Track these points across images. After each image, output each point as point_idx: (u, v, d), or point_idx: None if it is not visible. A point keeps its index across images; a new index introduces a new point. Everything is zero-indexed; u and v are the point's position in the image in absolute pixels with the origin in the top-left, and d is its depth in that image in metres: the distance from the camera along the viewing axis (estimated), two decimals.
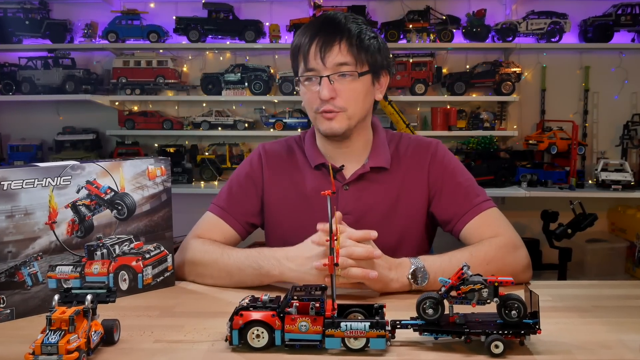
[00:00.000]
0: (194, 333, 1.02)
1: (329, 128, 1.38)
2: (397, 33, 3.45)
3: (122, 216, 1.24)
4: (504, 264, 1.29)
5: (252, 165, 1.53)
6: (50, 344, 0.83)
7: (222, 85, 3.52)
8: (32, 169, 1.12)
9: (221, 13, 3.48)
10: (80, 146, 3.54)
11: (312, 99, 1.38)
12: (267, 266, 1.26)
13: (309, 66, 1.36)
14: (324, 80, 1.34)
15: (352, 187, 1.45)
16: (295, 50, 1.41)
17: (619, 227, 3.51)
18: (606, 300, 1.22)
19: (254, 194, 1.51)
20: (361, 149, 1.48)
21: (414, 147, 1.50)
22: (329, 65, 1.34)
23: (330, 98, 1.34)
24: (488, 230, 1.37)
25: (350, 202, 1.43)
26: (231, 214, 1.48)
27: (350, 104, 1.36)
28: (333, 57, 1.34)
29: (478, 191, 1.45)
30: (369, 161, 1.46)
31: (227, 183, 1.55)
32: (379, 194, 1.45)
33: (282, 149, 1.54)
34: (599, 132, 3.65)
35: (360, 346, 0.92)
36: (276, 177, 1.51)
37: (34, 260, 1.13)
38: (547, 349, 0.93)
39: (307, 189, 1.46)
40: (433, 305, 0.93)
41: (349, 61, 1.34)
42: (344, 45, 1.34)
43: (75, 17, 3.62)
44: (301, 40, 1.38)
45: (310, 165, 1.48)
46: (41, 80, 3.47)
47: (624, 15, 3.39)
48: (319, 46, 1.34)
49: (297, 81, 1.43)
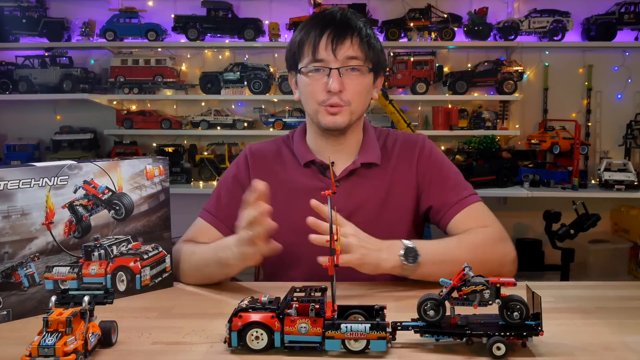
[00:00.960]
0: (193, 335, 1.02)
1: (332, 122, 1.39)
2: (398, 31, 3.44)
3: (119, 216, 1.23)
4: (491, 253, 1.33)
5: (239, 167, 1.54)
6: (47, 346, 0.82)
7: (221, 84, 3.51)
8: (29, 168, 1.12)
9: (220, 11, 3.47)
10: (77, 146, 3.53)
11: (317, 91, 1.38)
12: (224, 255, 1.27)
13: (318, 57, 1.36)
14: (334, 72, 1.35)
15: (343, 183, 1.46)
16: (301, 41, 1.40)
17: (622, 227, 3.50)
18: (609, 301, 1.21)
19: (241, 196, 1.50)
20: (353, 145, 1.49)
21: (401, 143, 1.52)
22: (340, 57, 1.35)
23: (339, 90, 1.35)
24: (474, 222, 1.39)
25: (341, 199, 1.43)
26: (220, 219, 1.48)
27: (355, 99, 1.38)
28: (345, 50, 1.35)
29: (465, 185, 1.48)
30: (360, 157, 1.47)
31: (216, 187, 1.56)
32: (370, 189, 1.46)
33: (269, 148, 1.55)
34: (602, 131, 3.64)
35: (360, 348, 0.91)
36: (263, 177, 1.48)
37: (30, 261, 1.12)
38: (550, 351, 0.92)
39: (296, 187, 1.46)
40: (434, 306, 0.93)
41: (359, 56, 1.37)
42: (356, 40, 1.36)
43: (72, 15, 3.62)
44: (309, 33, 1.38)
45: (299, 163, 1.49)
46: (38, 79, 3.46)
47: (627, 14, 3.38)
48: (331, 38, 1.35)
49: (296, 74, 1.43)
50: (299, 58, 1.41)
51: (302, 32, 1.40)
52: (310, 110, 1.43)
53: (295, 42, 1.42)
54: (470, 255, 1.16)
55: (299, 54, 1.41)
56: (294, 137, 1.54)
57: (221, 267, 1.29)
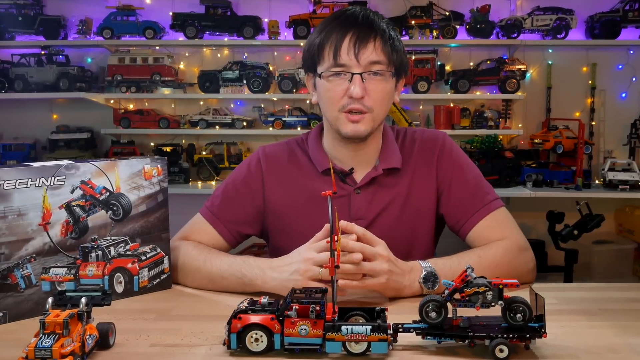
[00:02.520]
0: (191, 337, 1.01)
1: (354, 130, 1.33)
2: (399, 29, 3.43)
3: (117, 217, 1.22)
4: (510, 267, 1.29)
5: (250, 170, 1.48)
6: (44, 348, 0.82)
7: (220, 83, 3.50)
8: (26, 168, 1.11)
9: (219, 9, 3.46)
10: (74, 145, 3.51)
11: (337, 96, 1.32)
12: (250, 275, 1.25)
13: (340, 62, 1.30)
14: (356, 77, 1.30)
15: (364, 190, 1.41)
16: (321, 44, 1.34)
17: (627, 228, 3.48)
18: (613, 303, 1.21)
19: (249, 201, 1.46)
20: (373, 151, 1.44)
21: (420, 142, 1.47)
22: (363, 62, 1.30)
23: (361, 97, 1.30)
24: (495, 232, 1.36)
25: (363, 207, 1.40)
26: (222, 220, 1.44)
27: (377, 105, 1.33)
28: (368, 54, 1.30)
29: (487, 188, 1.43)
30: (381, 163, 1.42)
31: (222, 185, 1.51)
32: (391, 195, 1.42)
33: (284, 152, 1.50)
34: (605, 130, 3.62)
35: (361, 350, 0.90)
36: (279, 181, 1.46)
37: (27, 262, 1.11)
38: (553, 353, 0.92)
39: (314, 194, 1.38)
40: (436, 308, 0.92)
41: (382, 60, 1.31)
42: (379, 43, 1.31)
43: (69, 13, 3.60)
44: (331, 34, 1.32)
45: (316, 169, 1.44)
46: (34, 78, 3.45)
47: (632, 11, 3.36)
48: (353, 42, 1.30)
49: (315, 77, 1.37)
50: (318, 61, 1.34)
51: (322, 34, 1.33)
52: (330, 116, 1.36)
53: (314, 44, 1.34)
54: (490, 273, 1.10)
55: (319, 56, 1.34)
56: (309, 141, 1.49)
57: (243, 285, 1.26)
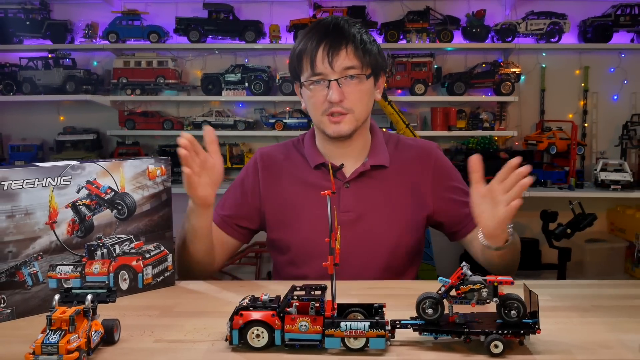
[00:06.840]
0: (194, 333, 1.02)
1: (337, 131, 1.41)
2: (397, 33, 3.45)
3: (122, 216, 1.24)
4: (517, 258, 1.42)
5: (247, 172, 1.57)
6: (51, 344, 0.82)
7: (222, 86, 3.52)
8: (33, 169, 1.12)
9: (221, 13, 3.48)
10: (80, 146, 3.54)
11: (319, 102, 1.40)
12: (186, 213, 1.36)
13: (317, 71, 1.38)
14: (333, 83, 1.37)
15: (353, 185, 1.47)
16: (299, 55, 1.42)
17: (618, 227, 3.51)
18: (606, 299, 1.22)
19: (248, 200, 1.54)
20: (361, 148, 1.50)
21: (416, 150, 1.54)
22: (337, 69, 1.37)
23: (339, 100, 1.37)
24: None
25: (351, 200, 1.45)
26: (226, 221, 1.52)
27: (357, 105, 1.40)
28: (341, 61, 1.37)
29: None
30: (369, 159, 1.49)
31: (228, 189, 1.59)
32: (379, 192, 1.47)
33: (280, 152, 1.57)
34: (598, 132, 3.65)
35: (360, 346, 0.91)
36: (273, 179, 1.53)
37: (34, 260, 1.12)
38: (547, 349, 0.93)
39: (308, 185, 1.48)
40: (433, 305, 0.93)
41: (355, 64, 1.38)
42: (350, 49, 1.38)
43: (75, 17, 3.62)
44: (306, 46, 1.40)
45: (309, 165, 1.50)
46: (42, 81, 3.47)
47: (623, 16, 3.39)
48: (326, 51, 1.37)
49: (300, 85, 1.46)
50: (299, 71, 1.43)
51: (300, 45, 1.42)
52: (315, 120, 1.45)
53: (294, 55, 1.44)
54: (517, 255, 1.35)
55: (299, 67, 1.43)
56: (305, 140, 1.56)
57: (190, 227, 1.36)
